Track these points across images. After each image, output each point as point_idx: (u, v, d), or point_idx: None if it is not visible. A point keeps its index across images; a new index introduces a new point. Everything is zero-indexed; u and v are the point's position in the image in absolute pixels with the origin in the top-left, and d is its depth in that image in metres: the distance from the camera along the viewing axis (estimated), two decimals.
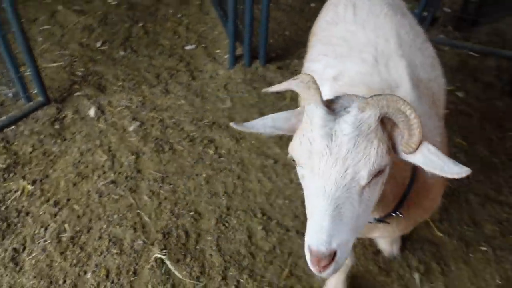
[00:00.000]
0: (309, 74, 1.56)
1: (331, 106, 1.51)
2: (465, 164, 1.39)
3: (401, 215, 1.90)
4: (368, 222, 1.89)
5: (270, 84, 4.56)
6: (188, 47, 5.05)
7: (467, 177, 1.39)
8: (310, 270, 1.50)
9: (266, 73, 4.68)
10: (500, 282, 3.07)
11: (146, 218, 3.30)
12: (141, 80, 4.55)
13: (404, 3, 2.65)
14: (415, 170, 1.81)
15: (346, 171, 1.42)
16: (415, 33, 2.35)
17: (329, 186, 1.43)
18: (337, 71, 2.23)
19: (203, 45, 5.08)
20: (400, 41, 2.22)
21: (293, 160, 1.58)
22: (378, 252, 3.15)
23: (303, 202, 3.47)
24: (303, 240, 3.44)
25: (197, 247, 3.15)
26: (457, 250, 3.23)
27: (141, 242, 3.14)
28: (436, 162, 1.43)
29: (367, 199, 1.51)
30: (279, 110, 4.22)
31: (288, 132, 1.66)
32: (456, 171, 1.40)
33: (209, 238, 3.20)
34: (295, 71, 4.72)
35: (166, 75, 4.62)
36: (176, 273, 2.98)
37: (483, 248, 3.25)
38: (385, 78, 2.04)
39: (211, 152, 3.84)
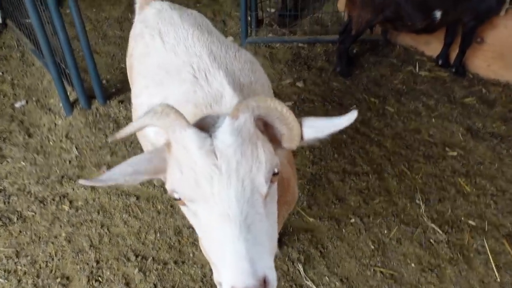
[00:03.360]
0: (162, 103, 1.40)
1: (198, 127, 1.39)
2: (318, 146, 1.39)
3: None
4: None
5: (116, 121, 4.36)
6: (18, 105, 4.62)
7: (324, 158, 1.38)
8: None
9: (109, 110, 4.47)
10: (373, 247, 3.25)
11: None
12: None
13: (208, 21, 2.68)
14: None
15: (243, 184, 1.30)
16: (226, 46, 2.36)
17: (232, 209, 1.27)
18: (162, 98, 2.15)
19: (34, 98, 4.68)
20: (213, 55, 2.21)
21: (177, 200, 1.41)
22: None
23: (175, 231, 3.38)
24: (183, 269, 3.31)
25: None
26: (330, 230, 3.36)
27: None
28: (324, 125, 1.43)
29: (271, 211, 1.43)
30: (132, 144, 4.07)
31: (153, 175, 1.46)
32: (347, 118, 1.41)
33: None
34: None
35: None
36: None
37: (352, 220, 3.43)
38: (208, 91, 2.01)
39: (66, 208, 3.53)
